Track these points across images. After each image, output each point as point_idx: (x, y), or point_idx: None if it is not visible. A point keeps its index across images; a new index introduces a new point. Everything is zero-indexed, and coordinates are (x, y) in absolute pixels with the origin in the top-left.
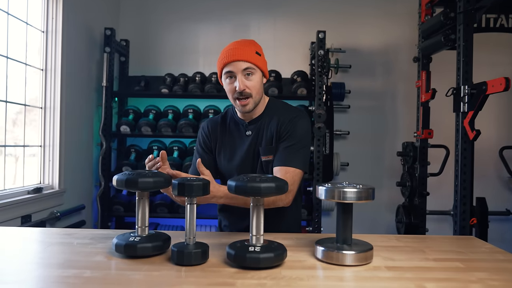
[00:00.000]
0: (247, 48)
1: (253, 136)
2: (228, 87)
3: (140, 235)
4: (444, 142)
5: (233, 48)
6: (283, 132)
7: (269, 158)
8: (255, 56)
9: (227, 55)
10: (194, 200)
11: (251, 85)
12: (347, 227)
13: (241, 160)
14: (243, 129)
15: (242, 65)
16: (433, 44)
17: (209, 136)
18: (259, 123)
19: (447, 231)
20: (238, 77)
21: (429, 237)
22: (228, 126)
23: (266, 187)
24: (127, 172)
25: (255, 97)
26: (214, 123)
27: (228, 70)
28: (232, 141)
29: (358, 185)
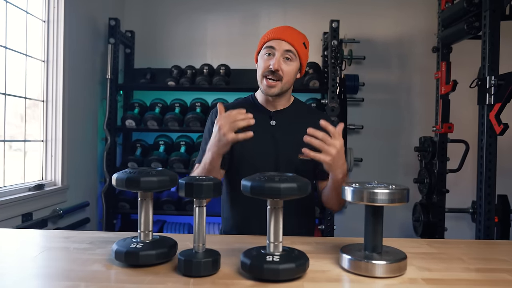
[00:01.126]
0: (297, 35)
1: (279, 127)
2: (262, 63)
3: (143, 241)
4: (463, 137)
5: (283, 27)
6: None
7: (307, 158)
8: (301, 45)
9: (275, 31)
10: (203, 203)
11: (286, 70)
12: (377, 233)
13: (264, 150)
14: (267, 118)
15: (286, 45)
16: (454, 32)
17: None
18: (286, 115)
19: (465, 230)
20: (276, 56)
21: (464, 242)
22: (249, 110)
23: (287, 188)
24: (128, 170)
25: (284, 84)
26: (230, 107)
27: (270, 45)
28: (253, 130)
29: (389, 185)
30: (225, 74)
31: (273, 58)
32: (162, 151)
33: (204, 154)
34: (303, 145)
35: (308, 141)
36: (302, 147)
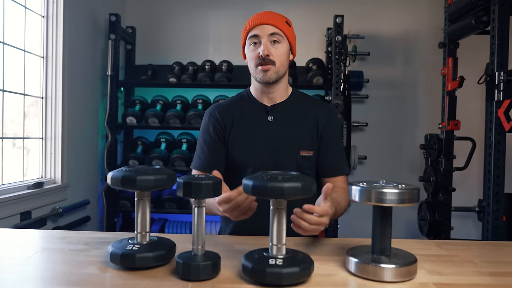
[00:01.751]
0: (277, 15)
1: (277, 122)
2: (251, 54)
3: (140, 243)
4: (469, 134)
5: (262, 13)
6: (329, 131)
7: (309, 154)
8: (284, 24)
9: (255, 18)
10: (202, 203)
11: (276, 53)
12: (386, 235)
13: (263, 149)
14: (264, 114)
15: (269, 29)
16: (461, 27)
17: (221, 123)
18: (284, 109)
19: (471, 228)
20: (263, 42)
21: (475, 243)
22: (242, 111)
23: (291, 187)
24: (124, 169)
25: (278, 68)
26: (224, 107)
27: (253, 34)
28: (250, 128)
29: (399, 185)
30: (227, 70)
31: (260, 45)
32: (163, 149)
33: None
34: (304, 139)
35: (294, 219)
36: (303, 141)
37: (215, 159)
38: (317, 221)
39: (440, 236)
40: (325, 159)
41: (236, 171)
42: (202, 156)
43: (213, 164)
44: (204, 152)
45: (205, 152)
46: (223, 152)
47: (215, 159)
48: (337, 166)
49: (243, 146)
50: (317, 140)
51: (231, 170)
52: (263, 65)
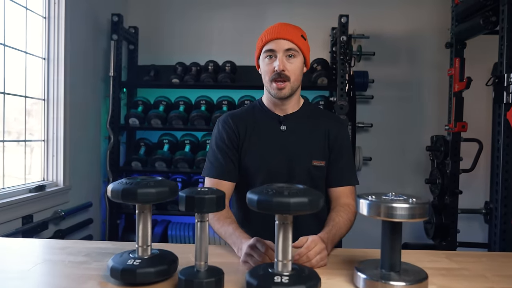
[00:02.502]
0: (293, 29)
1: (290, 132)
2: (266, 68)
3: (141, 257)
4: (475, 135)
5: (278, 26)
6: (340, 143)
7: (321, 164)
8: (300, 39)
9: (271, 32)
10: (205, 217)
11: (291, 68)
12: (396, 250)
13: (276, 158)
14: (276, 123)
15: (285, 44)
16: (469, 28)
17: (235, 131)
18: (296, 119)
19: (477, 230)
20: (278, 57)
21: (485, 255)
22: (256, 120)
23: (297, 203)
24: (125, 181)
25: (293, 83)
26: (237, 116)
27: (269, 48)
28: (264, 137)
29: (409, 198)
30: (231, 71)
31: (276, 60)
32: (166, 150)
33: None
34: (316, 149)
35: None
36: (315, 151)
37: (230, 167)
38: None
39: (446, 239)
40: (333, 169)
41: (248, 179)
42: (216, 164)
43: (227, 172)
44: (218, 160)
45: (219, 160)
46: (236, 161)
47: (230, 167)
48: (344, 176)
49: (256, 154)
50: (328, 151)
51: (243, 179)
52: (279, 81)
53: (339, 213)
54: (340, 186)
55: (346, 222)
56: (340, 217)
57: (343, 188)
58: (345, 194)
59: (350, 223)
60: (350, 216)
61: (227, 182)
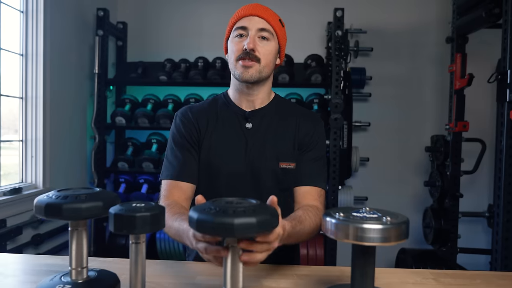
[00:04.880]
0: (270, 10)
1: (256, 130)
2: (234, 47)
3: (74, 281)
4: (478, 134)
5: (253, 4)
6: (309, 140)
7: (290, 166)
8: (277, 22)
9: (245, 8)
10: (140, 238)
11: (263, 51)
12: (368, 277)
13: (239, 158)
14: (242, 120)
15: (260, 22)
16: (471, 21)
17: (195, 125)
18: (264, 116)
19: (480, 235)
20: (250, 34)
21: (480, 275)
22: (218, 114)
23: (243, 224)
24: (53, 193)
25: (262, 67)
26: (198, 109)
27: (241, 26)
28: (226, 134)
29: (383, 216)
30: (221, 68)
31: (247, 39)
32: (154, 150)
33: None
34: (285, 149)
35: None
36: (283, 152)
37: (191, 166)
38: (267, 247)
39: (446, 244)
40: (300, 167)
41: (208, 181)
42: (175, 163)
43: (187, 172)
44: (177, 158)
45: (178, 158)
46: (197, 158)
47: (191, 166)
48: (310, 175)
49: (217, 153)
50: (298, 151)
51: (203, 180)
52: (246, 60)
53: (307, 212)
54: (306, 185)
55: (312, 225)
56: (308, 217)
57: (309, 188)
58: (311, 196)
59: (315, 228)
60: (317, 221)
61: (188, 184)
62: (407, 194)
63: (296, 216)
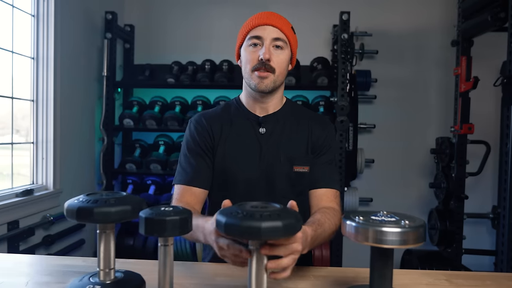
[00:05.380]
0: (284, 19)
1: (269, 135)
2: (249, 56)
3: (102, 282)
4: (482, 136)
5: (267, 13)
6: (322, 144)
7: (304, 170)
8: (290, 30)
9: (259, 17)
10: (169, 241)
11: (277, 60)
12: (386, 278)
13: (254, 163)
14: (255, 125)
15: (274, 32)
16: (476, 24)
17: (209, 131)
18: (277, 120)
19: (485, 236)
20: (265, 44)
21: (489, 277)
22: (232, 120)
23: (270, 228)
24: (82, 197)
25: (277, 77)
26: (211, 116)
27: (255, 35)
28: (240, 140)
29: (401, 220)
30: (228, 70)
31: (262, 48)
32: (162, 152)
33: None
34: (298, 153)
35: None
36: (297, 156)
37: (204, 172)
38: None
39: (451, 246)
40: (315, 171)
41: (222, 186)
42: (188, 169)
43: (200, 178)
44: (191, 164)
45: (192, 164)
46: (211, 165)
47: (204, 172)
48: (325, 178)
49: (232, 159)
50: (311, 154)
51: (217, 185)
52: (261, 71)
53: (325, 215)
54: (322, 188)
55: (332, 227)
56: (327, 219)
57: (325, 190)
58: (327, 198)
59: (335, 230)
60: (336, 222)
61: (200, 189)
62: (412, 195)
63: (316, 219)
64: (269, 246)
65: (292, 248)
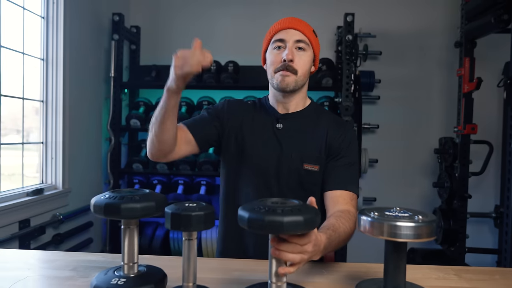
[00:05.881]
0: (305, 22)
1: (285, 131)
2: (273, 58)
3: (126, 275)
4: (485, 136)
5: (290, 18)
6: (339, 146)
7: (314, 168)
8: (312, 34)
9: (282, 22)
10: (193, 235)
11: (300, 62)
12: (400, 271)
13: (267, 154)
14: (274, 120)
15: (296, 35)
16: (479, 26)
17: (231, 111)
18: (296, 119)
19: (487, 235)
20: (288, 46)
21: (497, 272)
22: (255, 113)
23: (291, 222)
24: (108, 194)
25: (299, 77)
26: (241, 103)
27: (279, 38)
28: (258, 131)
29: (415, 215)
30: (234, 71)
31: (285, 50)
32: None
33: (188, 120)
34: (310, 152)
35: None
36: (309, 154)
37: (204, 128)
38: (300, 249)
39: (455, 244)
40: (331, 172)
41: (234, 173)
42: (195, 118)
43: (198, 128)
44: (199, 117)
45: (199, 117)
46: (214, 131)
47: (203, 127)
48: (343, 180)
49: (249, 147)
50: (325, 155)
51: (229, 172)
52: (284, 71)
53: (340, 219)
54: (338, 190)
55: (347, 231)
56: (342, 223)
57: (341, 192)
58: (344, 200)
59: (350, 233)
60: (351, 225)
61: (191, 136)
62: (415, 195)
63: (330, 225)
64: (278, 239)
65: (302, 249)
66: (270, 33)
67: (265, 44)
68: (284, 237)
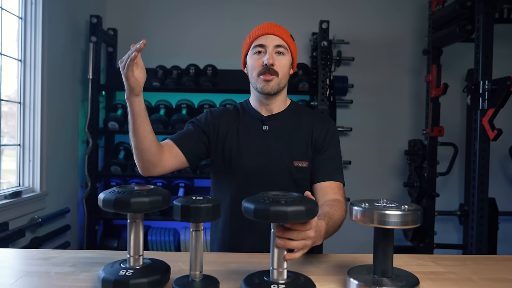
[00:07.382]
0: (283, 28)
1: (272, 132)
2: (255, 63)
3: (133, 267)
4: (450, 139)
5: (268, 24)
6: (324, 140)
7: (303, 165)
8: (289, 38)
9: (261, 28)
10: (200, 226)
11: (280, 64)
12: (388, 256)
13: (256, 157)
14: (259, 123)
15: (275, 40)
16: (445, 35)
17: (215, 123)
18: (280, 120)
19: (452, 232)
20: (268, 51)
21: (469, 258)
22: (239, 118)
23: (294, 211)
24: (116, 190)
25: (280, 80)
26: (224, 111)
27: (259, 44)
28: (244, 135)
29: (401, 205)
30: (212, 75)
31: (265, 54)
32: None
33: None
34: (298, 149)
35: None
36: (297, 151)
37: (191, 141)
38: (303, 235)
39: (424, 241)
40: (318, 164)
41: (227, 178)
42: (181, 133)
43: (185, 142)
44: (184, 130)
45: (185, 131)
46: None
47: (190, 141)
48: (329, 171)
49: (237, 152)
50: (311, 151)
51: (222, 177)
52: (266, 74)
53: (332, 207)
54: (326, 181)
55: (341, 218)
56: (335, 211)
57: (330, 183)
58: (332, 190)
59: (342, 220)
60: (343, 213)
61: (179, 150)
62: (386, 195)
63: (325, 212)
64: (283, 229)
65: (305, 235)
66: (250, 38)
67: (245, 48)
68: (287, 225)
